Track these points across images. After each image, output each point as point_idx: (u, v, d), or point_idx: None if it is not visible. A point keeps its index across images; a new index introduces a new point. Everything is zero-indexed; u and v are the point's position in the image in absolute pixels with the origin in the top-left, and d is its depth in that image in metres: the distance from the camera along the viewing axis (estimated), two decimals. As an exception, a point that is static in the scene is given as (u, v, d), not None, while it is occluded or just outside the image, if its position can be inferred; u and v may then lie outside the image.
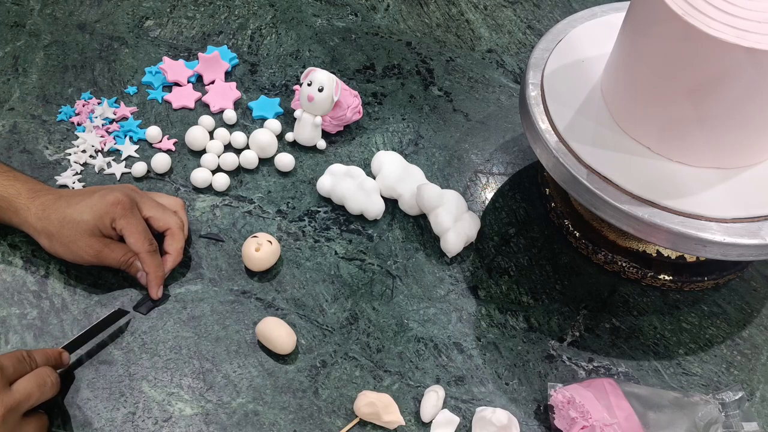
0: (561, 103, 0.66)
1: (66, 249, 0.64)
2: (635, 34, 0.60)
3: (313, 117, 0.77)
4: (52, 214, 0.63)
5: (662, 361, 0.66)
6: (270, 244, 0.68)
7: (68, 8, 0.93)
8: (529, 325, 0.68)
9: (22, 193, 0.64)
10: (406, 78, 0.88)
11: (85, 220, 0.63)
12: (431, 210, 0.71)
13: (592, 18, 0.73)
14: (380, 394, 0.61)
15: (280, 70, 0.88)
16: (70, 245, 0.63)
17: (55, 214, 0.63)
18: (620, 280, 0.71)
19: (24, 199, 0.64)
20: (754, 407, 0.64)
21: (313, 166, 0.78)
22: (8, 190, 0.64)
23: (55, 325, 0.64)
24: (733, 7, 0.54)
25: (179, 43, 0.90)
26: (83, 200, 0.64)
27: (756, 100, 0.55)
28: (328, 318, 0.67)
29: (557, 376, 0.65)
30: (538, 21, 0.96)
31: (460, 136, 0.83)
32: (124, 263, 0.65)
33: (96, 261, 0.64)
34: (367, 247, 0.72)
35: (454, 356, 0.65)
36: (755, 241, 0.57)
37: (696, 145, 0.60)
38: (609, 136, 0.64)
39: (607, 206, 0.59)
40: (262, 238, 0.68)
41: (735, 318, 0.69)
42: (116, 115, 0.80)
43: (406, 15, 0.96)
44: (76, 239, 0.63)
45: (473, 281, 0.70)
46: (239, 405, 0.61)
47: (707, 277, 0.69)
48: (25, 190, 0.65)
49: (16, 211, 0.64)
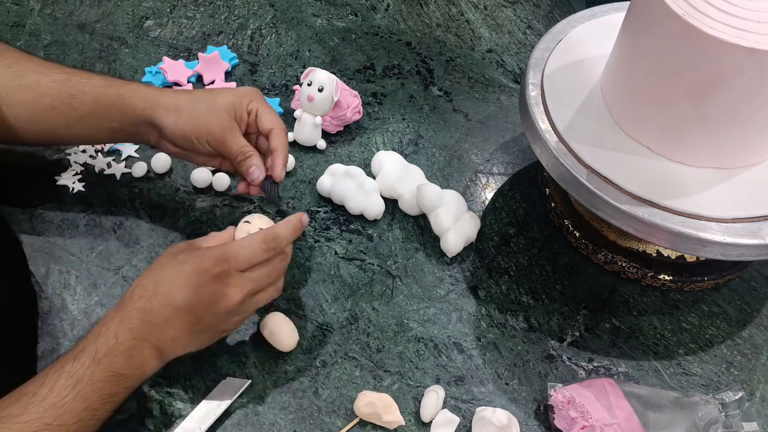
0: (561, 103, 0.66)
1: (193, 123, 0.64)
2: (635, 34, 0.60)
3: (313, 117, 0.77)
4: (189, 95, 0.65)
5: (662, 361, 0.66)
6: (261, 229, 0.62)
7: (68, 8, 0.93)
8: (529, 325, 0.68)
9: (144, 88, 0.65)
10: (406, 78, 0.88)
11: (224, 96, 0.65)
12: (431, 210, 0.71)
13: (592, 18, 0.74)
14: (380, 394, 0.61)
15: (280, 70, 0.88)
16: (199, 118, 0.63)
17: (190, 93, 0.65)
18: (620, 280, 0.71)
19: (152, 87, 0.66)
20: (754, 407, 0.64)
21: (313, 166, 0.78)
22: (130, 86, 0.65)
23: (55, 325, 0.64)
24: (733, 7, 0.54)
25: (179, 43, 0.90)
26: (219, 89, 0.67)
27: (756, 100, 0.55)
28: (328, 318, 0.67)
29: (557, 376, 0.65)
30: (538, 21, 0.97)
31: (460, 136, 0.83)
32: (243, 153, 0.64)
33: (216, 143, 0.64)
34: (367, 247, 0.72)
35: (454, 356, 0.65)
36: (755, 241, 0.57)
37: (696, 145, 0.60)
38: (609, 136, 0.64)
39: (607, 206, 0.59)
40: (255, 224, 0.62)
41: (735, 318, 0.69)
42: (116, 115, 0.80)
43: (406, 15, 0.96)
44: (208, 112, 0.64)
45: (473, 281, 0.70)
46: (239, 405, 0.61)
47: (707, 277, 0.69)
48: (147, 87, 0.66)
49: (144, 95, 0.65)
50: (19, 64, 0.65)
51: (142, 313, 0.54)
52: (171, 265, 0.57)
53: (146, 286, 0.56)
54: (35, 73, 0.65)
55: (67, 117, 0.65)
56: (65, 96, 0.64)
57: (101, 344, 0.53)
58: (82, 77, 0.65)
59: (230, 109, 0.64)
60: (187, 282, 0.55)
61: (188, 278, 0.55)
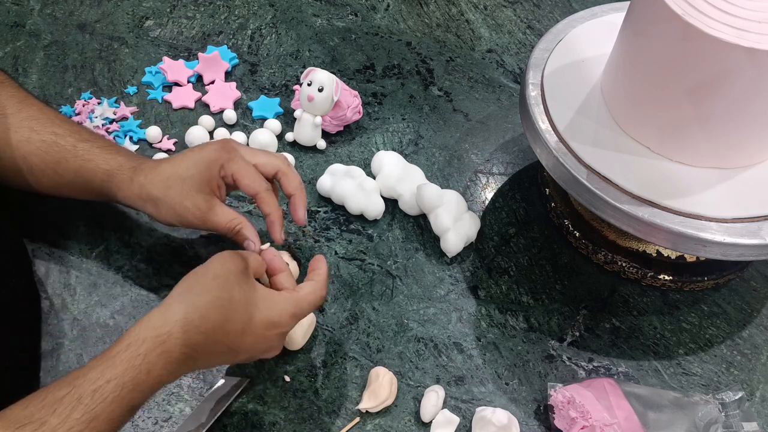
0: (561, 103, 0.66)
1: (173, 212, 0.61)
2: (635, 34, 0.60)
3: (313, 117, 0.77)
4: (156, 178, 0.61)
5: (662, 361, 0.66)
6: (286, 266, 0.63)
7: (68, 8, 0.93)
8: (529, 325, 0.68)
9: (124, 165, 0.62)
10: (406, 78, 0.88)
11: (191, 175, 0.60)
12: (431, 210, 0.71)
13: (592, 18, 0.73)
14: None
15: (280, 70, 0.88)
16: (176, 207, 0.60)
17: (158, 177, 0.60)
18: (620, 280, 0.71)
19: (126, 170, 0.62)
20: (754, 407, 0.64)
21: (313, 166, 0.78)
22: (110, 163, 0.62)
23: (55, 325, 0.64)
24: (733, 7, 0.54)
25: (179, 43, 0.90)
26: (185, 157, 0.61)
27: (756, 100, 0.55)
28: (328, 318, 0.67)
29: (557, 376, 0.65)
30: (538, 21, 0.97)
31: (460, 136, 0.83)
32: (231, 229, 0.61)
33: (202, 224, 0.61)
34: (367, 247, 0.72)
35: (454, 356, 0.65)
36: (755, 241, 0.57)
37: (696, 145, 0.60)
38: (609, 136, 0.64)
39: (607, 206, 0.59)
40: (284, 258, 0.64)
41: (735, 318, 0.69)
42: (116, 115, 0.80)
43: (406, 15, 0.96)
44: (183, 199, 0.60)
45: (473, 281, 0.70)
46: (239, 405, 0.61)
47: (707, 277, 0.69)
48: (127, 161, 0.62)
49: (119, 185, 0.62)
50: (15, 115, 0.63)
51: (190, 348, 0.50)
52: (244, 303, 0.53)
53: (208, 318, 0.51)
54: (28, 129, 0.62)
55: (53, 180, 0.64)
56: (51, 161, 0.62)
57: (130, 379, 0.48)
58: (69, 143, 0.63)
59: (202, 187, 0.60)
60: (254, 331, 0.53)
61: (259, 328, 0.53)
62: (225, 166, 0.60)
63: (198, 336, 0.50)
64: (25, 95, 0.65)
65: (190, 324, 0.50)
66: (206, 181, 0.60)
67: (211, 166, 0.60)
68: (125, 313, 0.66)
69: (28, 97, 0.65)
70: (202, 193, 0.60)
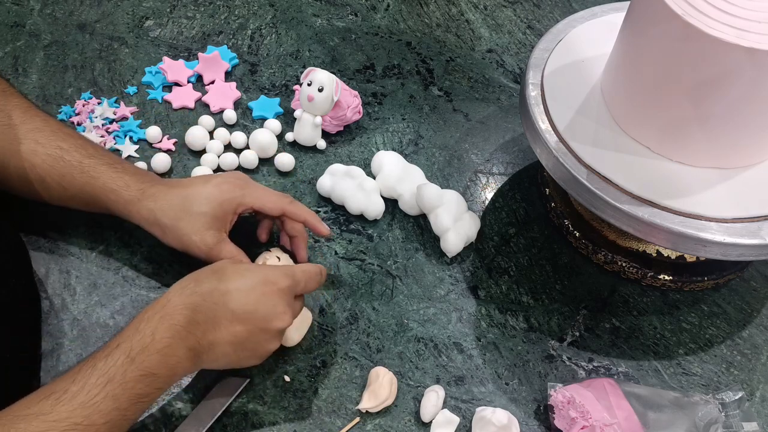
0: (561, 103, 0.66)
1: (178, 241, 0.61)
2: (635, 34, 0.60)
3: (313, 117, 0.77)
4: (165, 205, 0.61)
5: (662, 361, 0.66)
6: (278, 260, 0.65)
7: (68, 8, 0.93)
8: (529, 325, 0.68)
9: (132, 185, 0.62)
10: (406, 78, 0.88)
11: (204, 212, 0.60)
12: (431, 210, 0.71)
13: (592, 18, 0.73)
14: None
15: (280, 70, 0.88)
16: (183, 238, 0.61)
17: (168, 205, 0.61)
18: (620, 280, 0.71)
19: (134, 191, 0.62)
20: (754, 407, 0.64)
21: (313, 166, 0.78)
22: (117, 182, 0.62)
23: (55, 325, 0.64)
24: (733, 7, 0.54)
25: (179, 43, 0.90)
26: (198, 191, 0.61)
27: (756, 100, 0.55)
28: (328, 318, 0.67)
29: (557, 376, 0.65)
30: (538, 21, 0.97)
31: (460, 136, 0.83)
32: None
33: (205, 257, 0.62)
34: (367, 247, 0.72)
35: (454, 356, 0.65)
36: (755, 241, 0.57)
37: (696, 145, 0.60)
38: (609, 136, 0.64)
39: (607, 206, 0.60)
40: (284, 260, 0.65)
41: (735, 318, 0.69)
42: (116, 115, 0.80)
43: (406, 15, 0.96)
44: (191, 233, 0.60)
45: (473, 281, 0.70)
46: (239, 405, 0.61)
47: (707, 277, 0.69)
48: (134, 181, 0.62)
49: (125, 205, 0.62)
50: (20, 125, 0.63)
51: (189, 310, 0.53)
52: (234, 268, 0.55)
53: (202, 282, 0.54)
54: (33, 141, 0.62)
55: (57, 192, 0.64)
56: (56, 175, 0.62)
57: (137, 341, 0.51)
58: (74, 158, 0.62)
59: (214, 223, 0.61)
60: (251, 288, 0.54)
61: (254, 285, 0.54)
62: (242, 202, 0.62)
63: (195, 297, 0.53)
64: (29, 105, 0.65)
65: (186, 288, 0.54)
66: (219, 218, 0.61)
67: (225, 205, 0.61)
68: (125, 313, 0.66)
69: (32, 108, 0.65)
70: (212, 229, 0.61)
